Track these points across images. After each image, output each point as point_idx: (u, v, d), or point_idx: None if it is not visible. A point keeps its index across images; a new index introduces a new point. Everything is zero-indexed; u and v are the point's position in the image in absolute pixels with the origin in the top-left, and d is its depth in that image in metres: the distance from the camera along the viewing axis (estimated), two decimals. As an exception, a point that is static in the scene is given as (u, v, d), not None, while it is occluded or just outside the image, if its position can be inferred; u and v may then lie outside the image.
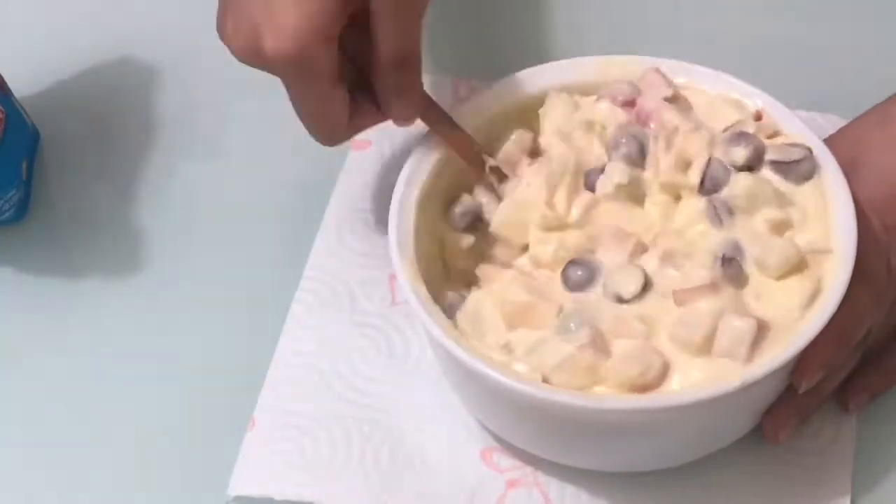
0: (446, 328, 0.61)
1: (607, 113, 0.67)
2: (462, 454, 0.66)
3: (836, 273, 0.61)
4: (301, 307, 0.72)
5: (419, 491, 0.65)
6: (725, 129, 0.66)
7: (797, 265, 0.61)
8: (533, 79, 0.70)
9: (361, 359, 0.70)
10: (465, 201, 0.67)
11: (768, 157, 0.65)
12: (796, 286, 0.61)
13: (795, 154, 0.65)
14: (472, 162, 0.67)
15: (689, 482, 0.65)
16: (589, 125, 0.67)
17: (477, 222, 0.67)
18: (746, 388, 0.58)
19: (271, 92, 0.84)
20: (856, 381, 0.66)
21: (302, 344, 0.71)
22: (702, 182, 0.64)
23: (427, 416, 0.68)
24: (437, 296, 0.63)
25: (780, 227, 0.63)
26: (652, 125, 0.66)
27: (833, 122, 0.77)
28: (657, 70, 0.68)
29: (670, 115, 0.66)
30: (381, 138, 0.79)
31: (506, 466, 0.66)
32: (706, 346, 0.59)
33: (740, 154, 0.65)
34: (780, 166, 0.64)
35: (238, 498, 0.66)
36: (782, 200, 0.64)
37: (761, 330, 0.59)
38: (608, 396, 0.59)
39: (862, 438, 0.66)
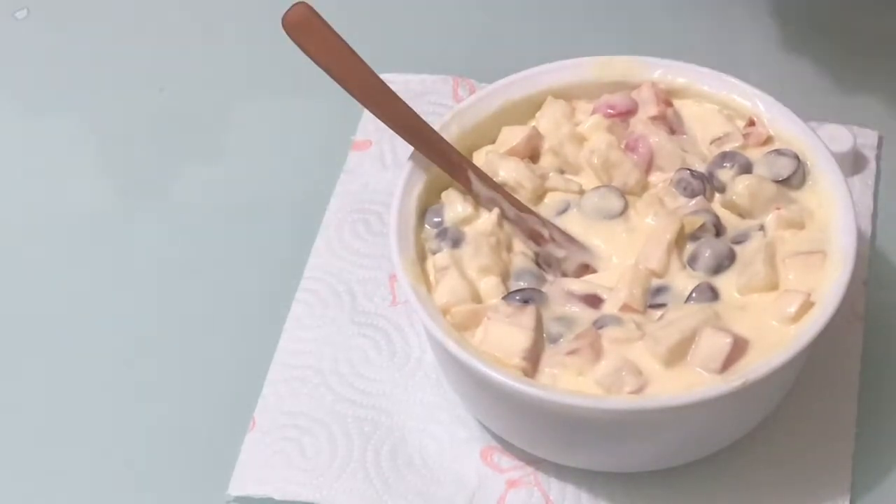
0: (446, 328, 0.61)
1: (597, 134, 0.68)
2: (462, 454, 0.66)
3: (831, 279, 0.61)
4: (301, 307, 0.72)
5: (419, 491, 0.65)
6: (712, 142, 0.67)
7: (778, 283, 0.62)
8: (533, 79, 0.70)
9: (361, 359, 0.70)
10: (436, 208, 0.67)
11: (756, 171, 0.65)
12: (782, 300, 0.61)
13: (784, 169, 0.65)
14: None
15: (689, 482, 0.65)
16: (579, 140, 0.68)
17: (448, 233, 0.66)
18: (747, 388, 0.58)
19: (272, 92, 0.85)
20: None
21: (302, 344, 0.71)
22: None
23: (427, 416, 0.68)
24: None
25: (793, 225, 0.64)
26: (635, 157, 0.67)
27: (830, 132, 0.77)
28: (653, 84, 0.69)
29: (657, 139, 0.67)
30: (381, 138, 0.79)
31: (506, 466, 0.66)
32: (680, 357, 0.60)
33: (727, 175, 0.65)
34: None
35: (238, 498, 0.66)
36: (786, 198, 0.64)
37: (740, 345, 0.60)
38: (608, 396, 0.59)
39: (862, 438, 0.66)
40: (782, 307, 0.61)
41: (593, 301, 0.62)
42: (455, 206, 0.66)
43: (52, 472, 0.68)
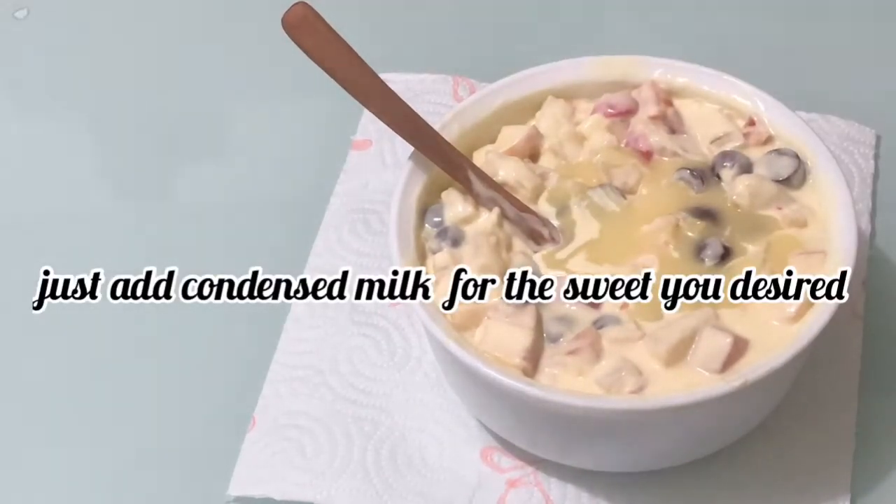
0: (446, 328, 0.61)
1: (597, 133, 0.68)
2: (462, 454, 0.66)
3: (831, 279, 0.61)
4: (301, 307, 0.72)
5: (419, 491, 0.65)
6: (712, 142, 0.68)
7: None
8: (533, 79, 0.70)
9: (361, 359, 0.70)
10: (436, 207, 0.67)
11: (757, 171, 0.66)
12: (783, 303, 0.61)
13: (784, 169, 0.65)
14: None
15: (689, 482, 0.65)
16: (579, 140, 0.68)
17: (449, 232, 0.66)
18: (747, 388, 0.58)
19: (272, 92, 0.85)
20: None
21: (302, 344, 0.71)
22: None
23: (427, 416, 0.68)
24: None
25: (794, 224, 0.64)
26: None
27: (834, 124, 0.77)
28: (653, 84, 0.69)
29: (657, 138, 0.67)
30: (381, 138, 0.79)
31: (506, 466, 0.66)
32: (681, 357, 0.60)
33: (727, 174, 0.65)
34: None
35: (238, 498, 0.66)
36: (786, 198, 0.65)
37: (739, 345, 0.60)
38: (608, 396, 0.59)
39: (862, 438, 0.66)
40: (782, 307, 0.61)
41: (593, 301, 0.63)
42: (455, 205, 0.66)
43: (52, 472, 0.68)
